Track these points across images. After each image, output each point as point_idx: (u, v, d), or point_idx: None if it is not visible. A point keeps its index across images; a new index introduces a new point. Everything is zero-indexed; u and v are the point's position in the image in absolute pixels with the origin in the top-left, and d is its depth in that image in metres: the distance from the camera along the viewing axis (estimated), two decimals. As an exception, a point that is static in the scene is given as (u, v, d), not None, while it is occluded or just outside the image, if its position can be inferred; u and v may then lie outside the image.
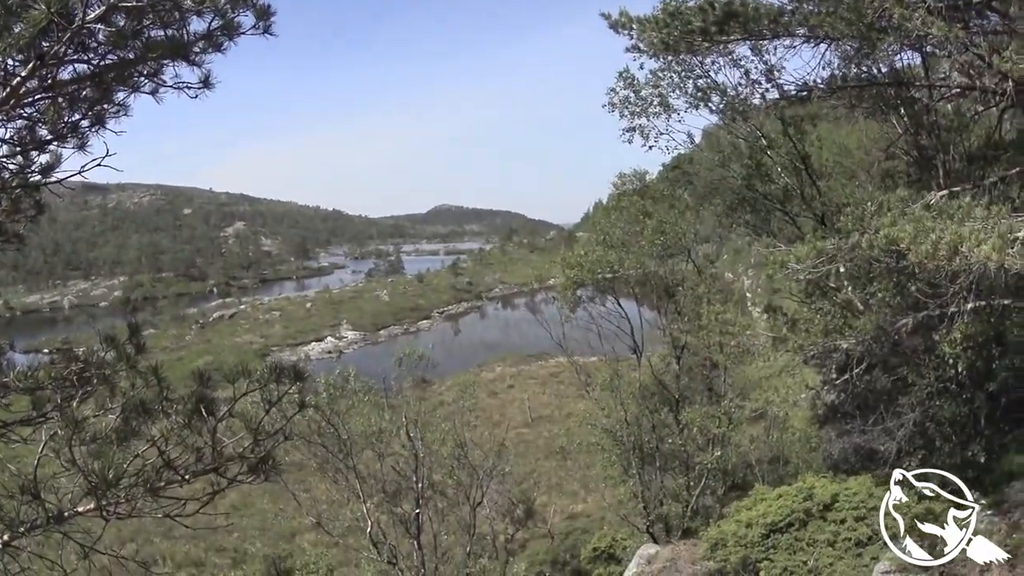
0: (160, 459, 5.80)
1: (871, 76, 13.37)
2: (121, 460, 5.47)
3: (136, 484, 5.64)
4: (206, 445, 5.93)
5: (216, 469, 6.03)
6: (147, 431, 5.94)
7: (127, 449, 5.72)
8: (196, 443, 5.92)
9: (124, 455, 5.59)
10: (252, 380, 6.02)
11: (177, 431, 5.90)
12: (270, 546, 33.85)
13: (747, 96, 16.14)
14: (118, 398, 6.16)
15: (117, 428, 5.82)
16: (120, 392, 6.24)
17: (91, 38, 5.23)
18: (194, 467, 5.94)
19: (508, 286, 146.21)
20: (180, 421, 5.91)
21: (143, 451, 5.83)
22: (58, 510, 5.66)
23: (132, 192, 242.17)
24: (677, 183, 23.80)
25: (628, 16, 14.29)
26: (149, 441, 5.88)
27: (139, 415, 5.86)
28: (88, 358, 6.28)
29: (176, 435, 5.89)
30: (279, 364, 6.23)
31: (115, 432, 5.76)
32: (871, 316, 13.01)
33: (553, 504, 38.33)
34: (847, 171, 18.81)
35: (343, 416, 22.18)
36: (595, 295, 25.23)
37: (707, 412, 21.14)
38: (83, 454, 5.41)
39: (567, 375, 58.68)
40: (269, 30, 5.69)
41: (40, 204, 6.77)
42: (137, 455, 5.75)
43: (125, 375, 6.35)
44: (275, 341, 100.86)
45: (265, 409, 6.09)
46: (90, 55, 5.40)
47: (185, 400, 5.96)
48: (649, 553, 16.54)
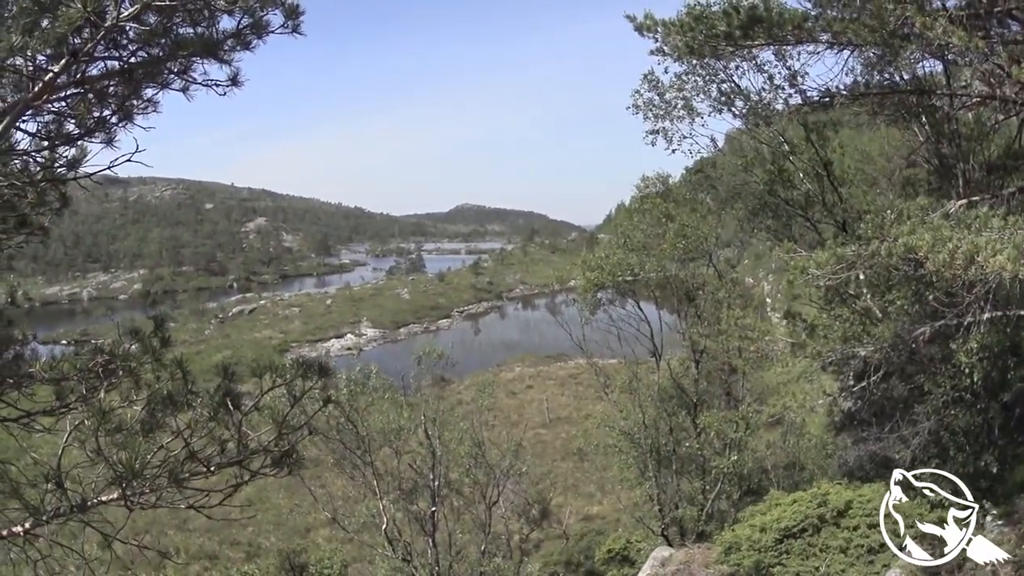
0: (184, 451, 5.88)
1: (893, 83, 13.36)
2: (146, 451, 5.53)
3: (160, 475, 5.70)
4: (232, 438, 6.04)
5: (241, 462, 6.13)
6: (172, 423, 6.05)
7: (152, 440, 5.80)
8: (221, 436, 6.03)
9: (149, 446, 5.66)
10: (279, 375, 6.11)
11: (203, 423, 5.99)
12: (284, 541, 34.01)
13: (770, 101, 16.11)
14: (143, 390, 6.26)
15: (143, 419, 5.92)
16: (145, 384, 6.33)
17: (122, 36, 5.29)
18: (218, 459, 6.03)
19: (529, 286, 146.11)
20: (206, 414, 6.00)
21: (167, 443, 5.91)
22: (82, 499, 5.74)
23: (153, 186, 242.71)
24: (700, 187, 23.81)
25: (653, 19, 14.31)
26: (174, 433, 5.98)
27: (165, 407, 5.98)
28: (114, 350, 6.35)
29: (202, 427, 5.99)
30: (305, 359, 6.33)
31: (141, 423, 5.87)
32: (889, 324, 13.01)
33: (569, 505, 38.32)
34: (868, 178, 18.77)
35: (362, 413, 22.27)
36: (615, 297, 25.28)
37: (725, 416, 21.13)
38: (108, 444, 5.47)
39: (586, 376, 58.66)
40: (298, 29, 5.74)
41: (65, 197, 6.80)
42: (161, 447, 5.82)
43: (150, 367, 6.42)
44: (294, 337, 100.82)
45: (290, 404, 6.18)
46: (121, 52, 5.48)
47: (212, 393, 6.05)
48: (663, 556, 16.57)
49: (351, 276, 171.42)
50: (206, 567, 32.90)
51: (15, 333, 6.66)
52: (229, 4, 5.46)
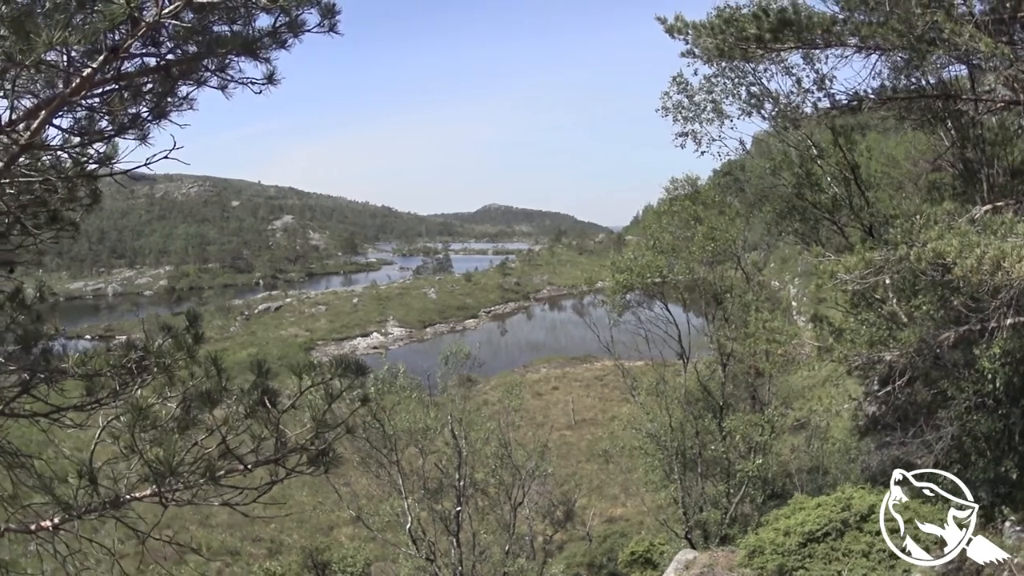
0: (220, 448, 5.93)
1: (920, 87, 13.33)
2: (181, 448, 5.56)
3: (195, 472, 5.72)
4: (270, 436, 6.09)
5: (277, 460, 6.17)
6: (206, 420, 6.12)
7: (187, 437, 5.85)
8: (259, 433, 6.07)
9: (184, 443, 5.69)
10: (317, 373, 6.11)
11: (239, 421, 6.03)
12: (307, 538, 34.12)
13: (799, 104, 16.08)
14: (177, 387, 6.32)
15: (178, 416, 5.99)
16: (179, 381, 6.39)
17: (160, 33, 5.30)
18: (254, 457, 6.09)
19: (556, 287, 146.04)
20: (242, 411, 6.04)
21: (202, 440, 5.96)
22: (115, 495, 5.81)
23: (180, 183, 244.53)
24: (728, 189, 23.75)
25: (684, 21, 14.37)
26: (209, 430, 6.04)
27: (202, 404, 6.04)
28: (148, 346, 6.40)
29: (239, 424, 6.03)
30: (343, 358, 6.32)
31: (176, 420, 5.93)
32: (915, 329, 12.95)
33: (593, 507, 38.33)
34: (894, 182, 18.69)
35: (389, 412, 22.39)
36: (643, 299, 25.29)
37: (750, 420, 21.08)
38: (142, 441, 5.50)
39: (611, 378, 58.65)
40: (334, 28, 5.70)
41: (96, 193, 6.88)
42: (195, 443, 5.87)
43: (184, 364, 6.48)
44: (320, 335, 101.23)
45: (327, 402, 6.19)
46: (159, 49, 5.49)
47: (248, 391, 6.09)
48: (687, 558, 16.57)
49: (378, 275, 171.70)
50: (227, 563, 33.13)
51: (44, 328, 6.73)
52: (270, 2, 5.45)
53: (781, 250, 33.68)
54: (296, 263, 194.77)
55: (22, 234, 6.53)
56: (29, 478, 6.46)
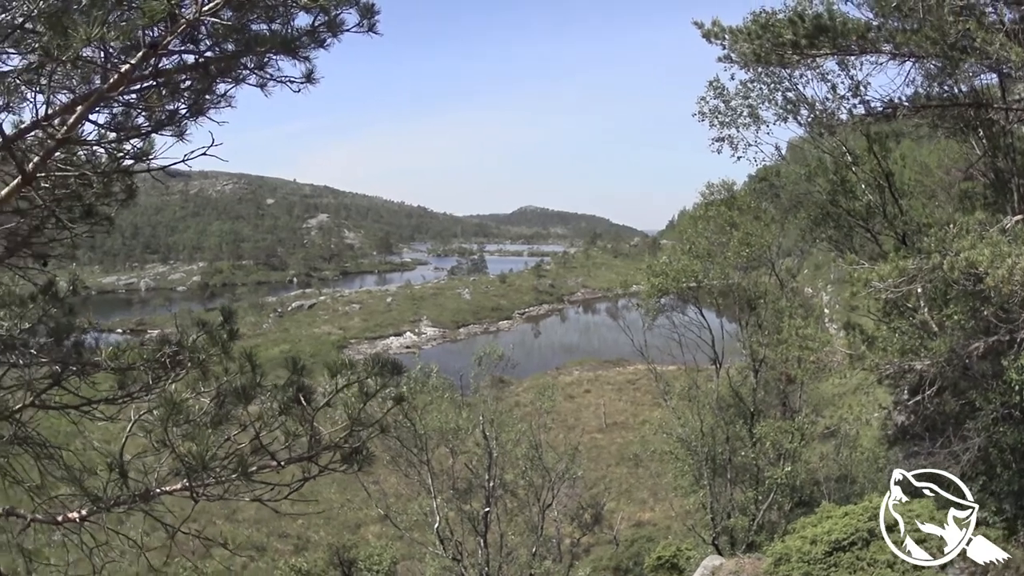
0: (252, 444, 6.01)
1: (952, 96, 13.23)
2: (214, 443, 5.64)
3: (227, 467, 5.79)
4: (303, 433, 6.12)
5: (311, 457, 6.20)
6: (239, 416, 6.18)
7: (220, 432, 5.92)
8: (294, 430, 6.12)
9: (216, 438, 5.76)
10: (353, 371, 6.14)
11: (274, 417, 6.09)
12: (334, 535, 34.30)
13: (834, 111, 16.03)
14: (211, 382, 6.37)
15: (212, 411, 6.05)
16: (213, 376, 6.44)
17: (198, 30, 5.32)
18: (287, 454, 6.13)
19: (590, 290, 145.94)
20: (276, 407, 6.08)
21: (234, 435, 6.03)
22: (145, 488, 5.88)
23: (215, 180, 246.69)
24: (763, 195, 23.66)
25: (721, 26, 14.40)
26: (242, 426, 6.13)
27: (236, 399, 6.07)
28: (183, 341, 6.46)
29: (273, 421, 6.09)
30: (379, 357, 6.36)
31: (210, 415, 6.00)
32: (945, 338, 12.86)
33: (621, 511, 38.28)
34: (927, 191, 18.55)
35: (420, 411, 22.49)
36: (677, 303, 25.25)
37: (781, 427, 20.97)
38: (175, 435, 5.54)
39: (643, 382, 58.61)
40: (374, 29, 5.72)
41: (132, 189, 6.91)
42: (228, 439, 5.94)
43: (218, 360, 6.56)
44: (353, 333, 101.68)
45: (362, 401, 6.22)
46: (199, 46, 5.52)
47: (282, 387, 6.14)
48: (714, 564, 16.55)
49: (412, 275, 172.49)
50: (252, 558, 33.44)
51: (76, 321, 6.80)
52: (310, 1, 5.47)
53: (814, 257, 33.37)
54: (330, 261, 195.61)
55: (56, 227, 6.64)
56: (57, 469, 6.56)
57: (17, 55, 5.11)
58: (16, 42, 4.90)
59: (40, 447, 6.66)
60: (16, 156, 5.14)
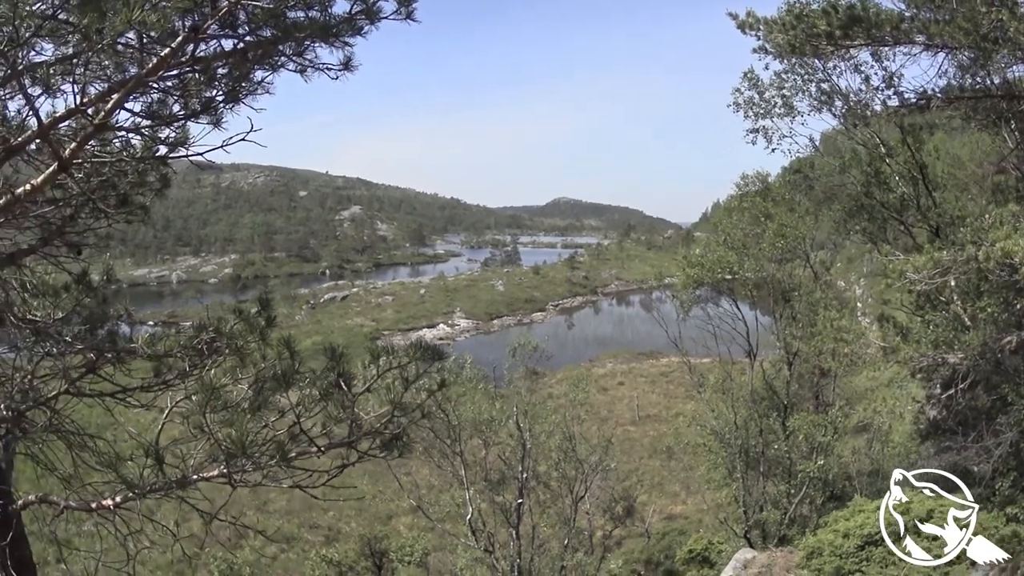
0: (292, 430, 6.02)
1: (985, 87, 13.07)
2: (253, 429, 5.67)
3: (265, 453, 5.82)
4: (344, 419, 6.13)
5: (351, 443, 6.23)
6: (277, 402, 6.22)
7: (258, 419, 5.95)
8: (335, 414, 6.12)
9: (255, 424, 5.79)
10: (394, 357, 6.18)
11: (314, 403, 6.11)
12: (365, 526, 34.27)
13: (868, 102, 15.90)
14: (248, 368, 6.43)
15: (250, 397, 6.09)
16: (251, 363, 6.50)
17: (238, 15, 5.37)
18: (327, 440, 6.16)
19: (624, 282, 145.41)
20: (315, 394, 6.11)
21: (272, 421, 6.06)
22: (182, 475, 5.93)
23: (246, 172, 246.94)
24: (797, 187, 23.51)
25: (755, 17, 14.34)
26: (280, 412, 6.16)
27: (276, 386, 6.12)
28: (220, 328, 6.55)
29: (313, 407, 6.11)
30: (420, 343, 6.36)
31: (248, 401, 6.04)
32: (978, 331, 12.74)
33: (653, 503, 38.16)
34: (960, 183, 18.35)
35: (454, 402, 22.58)
36: (712, 295, 25.18)
37: (814, 420, 20.84)
38: (213, 421, 5.61)
39: (677, 375, 58.43)
40: (411, 16, 5.75)
41: (166, 178, 7.07)
42: (266, 425, 5.97)
43: (257, 347, 6.61)
44: (386, 325, 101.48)
45: (404, 386, 6.25)
46: (238, 31, 5.56)
47: (323, 373, 6.15)
48: (746, 558, 16.48)
49: (446, 266, 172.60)
50: (283, 548, 33.42)
51: (110, 310, 6.85)
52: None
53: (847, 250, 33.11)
54: (363, 253, 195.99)
55: (91, 216, 6.72)
56: (90, 457, 6.64)
57: (51, 45, 5.17)
58: (51, 31, 4.94)
59: (74, 435, 6.75)
60: (52, 143, 5.21)
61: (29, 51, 5.04)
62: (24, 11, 4.51)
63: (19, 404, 6.41)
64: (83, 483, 6.52)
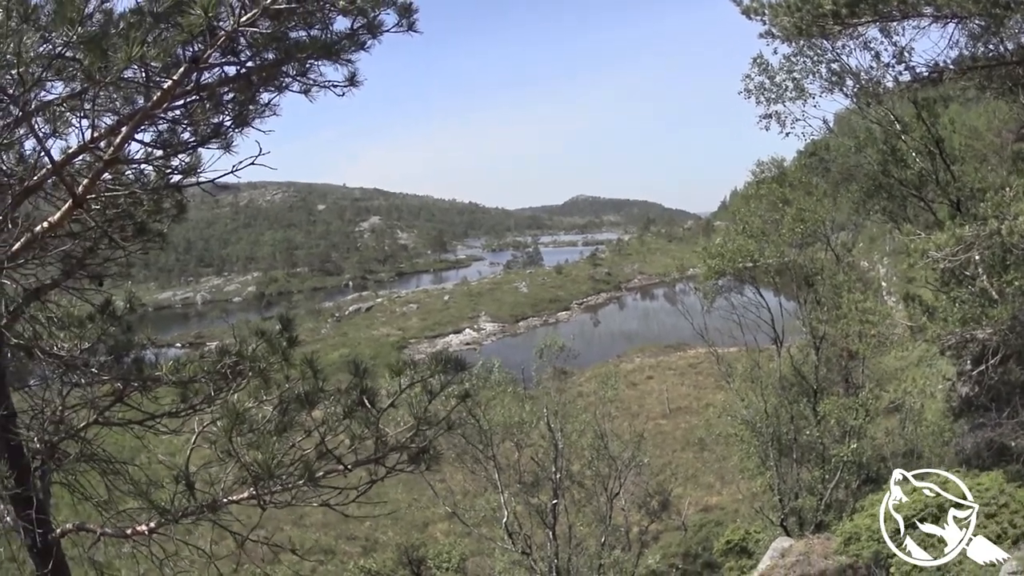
0: (318, 449, 6.09)
1: (999, 55, 12.95)
2: (279, 450, 5.73)
3: (293, 473, 5.86)
4: (369, 436, 6.20)
5: (378, 459, 6.29)
6: (303, 421, 6.29)
7: (285, 439, 6.02)
8: (359, 432, 6.20)
9: (281, 445, 5.86)
10: (416, 371, 6.21)
11: (338, 421, 6.17)
12: (402, 535, 34.43)
13: (879, 79, 15.83)
14: (273, 390, 6.50)
15: (276, 419, 6.16)
16: (275, 384, 6.56)
17: (237, 41, 5.40)
18: (354, 457, 6.21)
19: (647, 276, 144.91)
20: (340, 411, 6.17)
21: (299, 441, 6.13)
22: (212, 499, 6.01)
23: (264, 190, 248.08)
24: (813, 170, 23.39)
25: (760, 2, 14.30)
26: (306, 432, 6.21)
27: (300, 406, 6.20)
28: (242, 351, 6.57)
29: (338, 425, 6.18)
30: (441, 355, 6.41)
31: (273, 423, 6.11)
32: (1006, 305, 12.62)
33: (688, 496, 38.11)
34: (978, 154, 18.19)
35: (484, 407, 22.62)
36: (735, 284, 25.09)
37: (844, 404, 20.71)
38: (240, 444, 5.65)
39: (705, 366, 58.24)
40: (413, 27, 5.74)
41: (182, 204, 7.06)
42: (293, 445, 6.03)
43: (279, 367, 6.65)
44: (412, 333, 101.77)
45: (427, 400, 6.29)
46: (239, 57, 5.60)
47: (346, 391, 6.22)
48: (783, 546, 16.43)
49: (468, 271, 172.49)
50: (321, 561, 33.64)
51: (135, 338, 6.95)
52: (348, 4, 5.51)
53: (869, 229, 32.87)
54: (385, 263, 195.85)
55: (110, 247, 6.78)
56: (123, 484, 6.73)
57: (60, 82, 5.23)
58: (58, 70, 4.99)
59: (106, 463, 6.83)
60: (66, 180, 5.26)
61: (39, 92, 5.09)
62: (29, 56, 4.56)
63: (52, 436, 6.47)
64: (118, 509, 6.60)
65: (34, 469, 6.10)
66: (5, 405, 5.93)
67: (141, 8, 4.99)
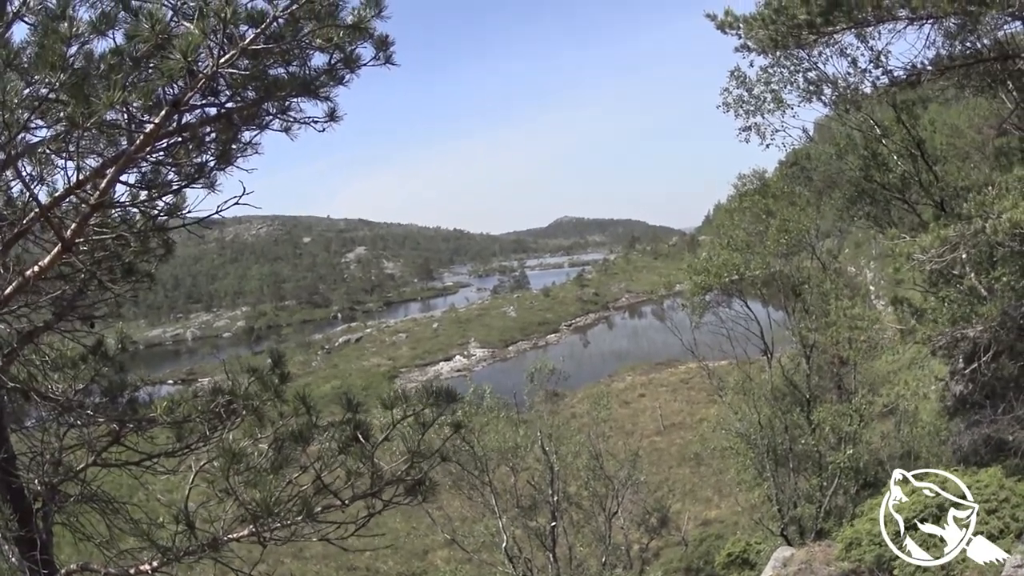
0: (315, 484, 6.06)
1: (976, 52, 13.07)
2: (276, 487, 5.72)
3: (291, 510, 5.86)
4: (364, 471, 6.17)
5: (375, 493, 6.25)
6: (299, 458, 6.25)
7: (281, 476, 5.99)
8: (354, 468, 6.17)
9: (278, 482, 5.83)
10: (408, 404, 6.18)
11: (333, 457, 6.17)
12: (402, 564, 34.30)
13: (857, 85, 15.94)
14: (267, 427, 6.48)
15: (271, 456, 6.13)
16: (269, 421, 6.54)
17: (218, 82, 5.39)
18: (351, 492, 6.18)
19: (634, 294, 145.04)
20: (335, 447, 6.17)
21: (295, 477, 6.09)
22: (213, 537, 5.95)
23: (249, 224, 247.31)
24: (796, 179, 23.54)
25: (734, 16, 14.36)
26: (302, 468, 6.19)
27: (295, 443, 6.16)
28: (235, 389, 6.59)
29: (333, 460, 6.16)
30: (432, 386, 6.38)
31: (269, 460, 6.08)
32: (996, 302, 12.69)
33: (687, 511, 38.01)
34: (960, 152, 18.35)
35: (478, 433, 22.58)
36: (722, 298, 25.16)
37: (838, 410, 20.78)
38: (238, 483, 5.62)
39: (697, 380, 58.25)
40: (390, 60, 5.73)
41: (168, 243, 7.07)
42: (289, 482, 5.99)
43: (273, 404, 6.64)
44: (403, 363, 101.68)
45: (420, 432, 6.27)
46: (219, 97, 5.61)
47: (340, 426, 6.21)
48: (784, 556, 16.39)
49: (455, 298, 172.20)
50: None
51: (128, 378, 6.95)
52: (325, 41, 5.47)
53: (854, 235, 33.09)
54: (372, 293, 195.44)
55: (99, 289, 6.77)
56: (124, 523, 6.69)
57: (45, 126, 5.24)
58: (43, 113, 5.01)
59: (105, 503, 6.80)
60: (54, 224, 5.25)
61: (25, 136, 5.09)
62: (13, 101, 4.56)
63: (52, 477, 6.44)
64: (119, 549, 6.56)
65: (36, 511, 6.06)
66: (5, 448, 5.90)
67: (121, 49, 5.01)
